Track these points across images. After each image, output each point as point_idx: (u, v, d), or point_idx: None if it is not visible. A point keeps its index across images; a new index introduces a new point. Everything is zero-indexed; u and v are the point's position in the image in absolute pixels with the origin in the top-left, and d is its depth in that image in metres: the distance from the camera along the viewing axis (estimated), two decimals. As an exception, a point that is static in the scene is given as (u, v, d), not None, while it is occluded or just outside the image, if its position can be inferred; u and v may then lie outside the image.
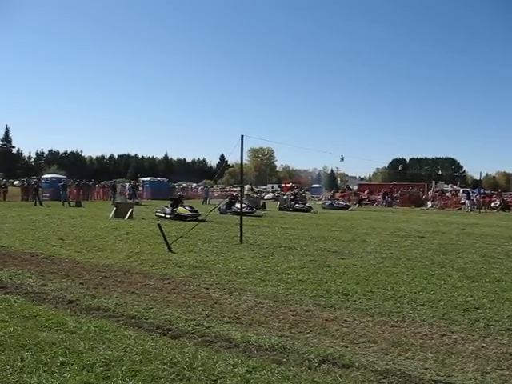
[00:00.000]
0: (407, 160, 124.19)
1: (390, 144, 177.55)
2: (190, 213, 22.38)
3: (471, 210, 39.41)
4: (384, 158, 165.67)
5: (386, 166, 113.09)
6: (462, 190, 57.86)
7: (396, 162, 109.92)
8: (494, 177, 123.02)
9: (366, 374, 4.77)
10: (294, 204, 33.55)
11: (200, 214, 22.10)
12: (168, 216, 22.65)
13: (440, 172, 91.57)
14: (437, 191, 49.11)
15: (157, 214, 23.71)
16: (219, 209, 26.85)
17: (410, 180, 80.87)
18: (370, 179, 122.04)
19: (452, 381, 4.66)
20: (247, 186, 36.14)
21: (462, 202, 44.05)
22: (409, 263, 11.33)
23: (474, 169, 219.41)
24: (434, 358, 5.24)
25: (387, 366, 4.95)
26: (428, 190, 51.04)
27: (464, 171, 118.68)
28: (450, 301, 7.77)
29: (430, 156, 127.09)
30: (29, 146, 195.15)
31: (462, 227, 22.40)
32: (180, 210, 22.69)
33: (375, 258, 11.92)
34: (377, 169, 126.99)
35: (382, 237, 17.04)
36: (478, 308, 7.35)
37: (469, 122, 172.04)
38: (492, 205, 42.62)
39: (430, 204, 43.84)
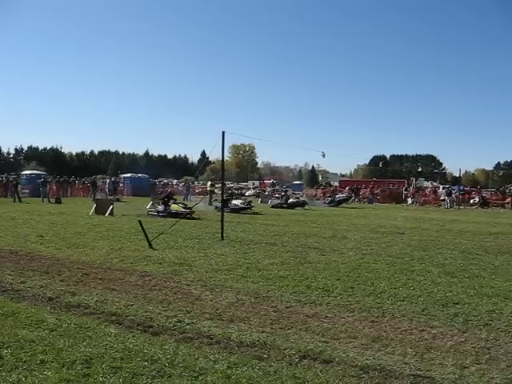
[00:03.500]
0: (388, 157, 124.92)
1: (370, 141, 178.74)
2: (184, 210, 21.97)
3: (450, 207, 39.79)
4: (365, 154, 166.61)
5: (367, 162, 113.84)
6: (441, 187, 58.41)
7: (377, 159, 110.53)
8: (473, 174, 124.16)
9: (346, 369, 4.80)
10: (287, 200, 33.10)
11: (194, 211, 21.92)
12: (161, 214, 22.49)
13: (420, 169, 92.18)
14: (416, 188, 49.51)
15: (150, 212, 23.48)
16: (216, 207, 26.67)
17: (391, 177, 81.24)
18: (351, 176, 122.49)
19: (431, 375, 4.71)
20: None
21: (442, 198, 44.42)
22: (389, 259, 11.42)
23: (454, 166, 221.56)
24: (414, 353, 5.30)
25: (367, 361, 5.00)
26: (408, 187, 51.33)
27: (444, 168, 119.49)
28: (430, 296, 7.85)
29: (411, 153, 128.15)
30: (7, 142, 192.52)
31: (441, 223, 22.60)
32: (174, 207, 22.52)
33: (356, 254, 12.00)
34: (358, 165, 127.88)
35: (362, 233, 17.13)
36: (456, 303, 7.44)
37: (449, 119, 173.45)
38: (471, 201, 43.06)
39: (410, 201, 44.18)
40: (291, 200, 33.28)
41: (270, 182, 70.55)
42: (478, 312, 7.00)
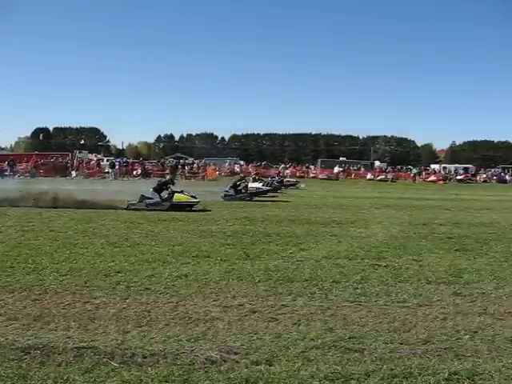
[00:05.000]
0: (51, 129, 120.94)
1: (33, 113, 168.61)
2: (194, 200, 17.61)
3: (115, 178, 40.83)
4: (27, 127, 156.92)
5: (29, 135, 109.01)
6: (106, 159, 59.34)
7: (39, 131, 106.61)
8: (136, 146, 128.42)
9: (6, 353, 4.59)
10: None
11: (199, 201, 17.87)
12: (155, 207, 17.10)
13: (83, 141, 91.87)
14: (80, 160, 49.43)
15: (130, 206, 17.25)
16: (225, 196, 22.43)
17: (55, 149, 79.02)
18: (12, 149, 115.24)
19: (95, 345, 4.81)
20: None
21: (107, 170, 45.35)
22: (51, 234, 11.21)
23: (118, 138, 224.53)
24: (78, 326, 5.35)
25: (29, 342, 4.86)
26: (72, 160, 50.71)
27: (108, 141, 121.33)
28: (93, 268, 7.98)
29: (75, 125, 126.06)
30: None
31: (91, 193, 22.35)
32: (179, 197, 17.44)
33: (16, 232, 11.43)
34: (19, 138, 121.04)
35: (25, 210, 16.27)
36: (119, 272, 7.74)
37: (113, 91, 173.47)
38: (134, 172, 45.02)
39: (74, 173, 43.84)
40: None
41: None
42: (138, 278, 7.40)
